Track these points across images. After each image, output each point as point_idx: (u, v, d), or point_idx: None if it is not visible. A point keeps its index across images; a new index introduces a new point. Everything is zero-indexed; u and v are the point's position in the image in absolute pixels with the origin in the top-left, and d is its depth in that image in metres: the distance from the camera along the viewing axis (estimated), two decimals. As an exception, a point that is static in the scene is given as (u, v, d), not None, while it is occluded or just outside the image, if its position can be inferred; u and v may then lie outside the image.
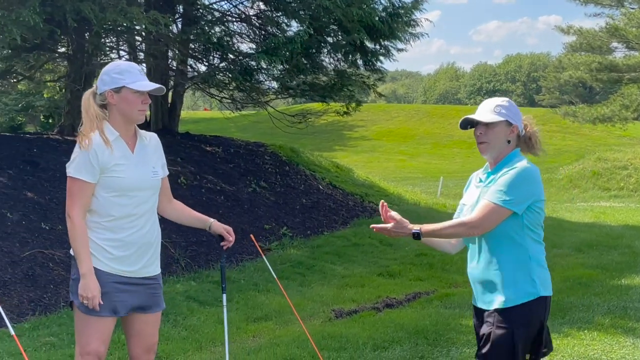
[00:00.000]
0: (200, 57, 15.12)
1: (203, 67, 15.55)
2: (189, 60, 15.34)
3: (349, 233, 11.74)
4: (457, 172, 31.64)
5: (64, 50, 14.69)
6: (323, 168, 16.79)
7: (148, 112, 15.19)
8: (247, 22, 14.93)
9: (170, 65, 15.29)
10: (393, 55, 14.87)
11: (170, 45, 13.61)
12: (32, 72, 17.08)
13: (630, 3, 30.94)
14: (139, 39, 14.29)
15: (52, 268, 7.81)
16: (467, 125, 3.58)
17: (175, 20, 14.13)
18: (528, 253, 3.44)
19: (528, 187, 3.41)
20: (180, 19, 14.33)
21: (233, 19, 15.09)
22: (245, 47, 15.19)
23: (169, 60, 15.08)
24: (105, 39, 14.09)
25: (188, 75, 15.32)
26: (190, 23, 13.50)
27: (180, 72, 15.03)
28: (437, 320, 7.04)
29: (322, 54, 14.62)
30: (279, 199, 12.64)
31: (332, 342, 6.27)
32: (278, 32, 13.97)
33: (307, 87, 15.14)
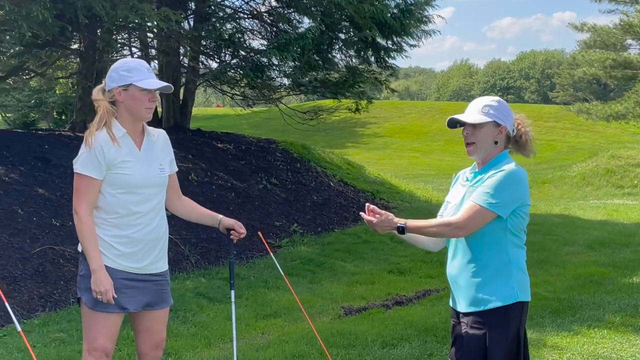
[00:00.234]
0: (212, 53, 15.16)
1: (214, 64, 15.61)
2: (201, 57, 15.38)
3: (360, 230, 11.71)
4: (469, 169, 31.43)
5: (76, 47, 14.74)
6: (334, 165, 16.77)
7: (160, 108, 15.35)
8: (258, 18, 14.95)
9: (182, 62, 15.32)
10: (405, 52, 14.87)
11: (182, 42, 13.63)
12: (44, 68, 17.17)
13: (645, 0, 30.71)
14: (151, 36, 14.32)
15: (62, 264, 7.84)
16: (455, 125, 3.53)
17: (187, 17, 14.16)
18: (509, 257, 3.40)
19: (514, 191, 3.36)
20: (192, 16, 14.36)
21: (245, 16, 15.12)
22: (257, 43, 15.20)
23: (181, 57, 15.11)
24: (117, 36, 14.14)
25: (199, 72, 15.36)
26: (202, 20, 13.52)
27: (192, 69, 15.06)
28: (446, 318, 6.99)
29: (333, 51, 14.61)
30: (290, 196, 12.63)
31: (340, 339, 6.27)
32: (289, 28, 13.98)
33: (318, 83, 15.15)
